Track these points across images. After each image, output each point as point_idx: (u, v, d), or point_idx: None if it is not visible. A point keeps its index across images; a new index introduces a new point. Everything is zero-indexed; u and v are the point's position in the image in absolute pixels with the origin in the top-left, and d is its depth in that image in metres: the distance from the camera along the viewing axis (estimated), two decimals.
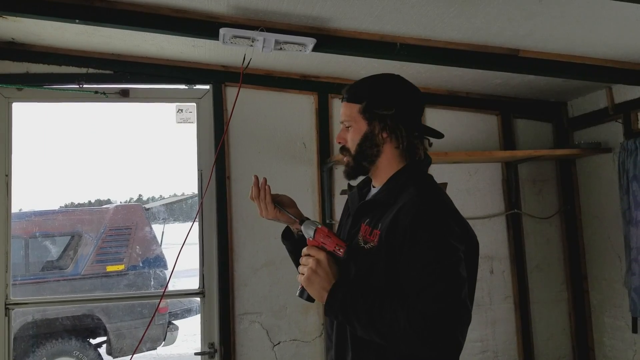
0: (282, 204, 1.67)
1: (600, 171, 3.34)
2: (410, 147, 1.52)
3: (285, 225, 1.76)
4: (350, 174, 1.58)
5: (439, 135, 1.59)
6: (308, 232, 1.50)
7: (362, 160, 1.53)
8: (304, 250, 1.49)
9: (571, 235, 3.52)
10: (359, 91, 1.53)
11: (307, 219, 1.56)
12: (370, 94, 1.50)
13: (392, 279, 1.36)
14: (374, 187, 1.61)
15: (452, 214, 1.42)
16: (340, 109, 1.58)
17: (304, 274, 1.44)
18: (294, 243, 1.72)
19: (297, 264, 1.53)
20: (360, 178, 1.66)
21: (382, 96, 1.50)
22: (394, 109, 1.47)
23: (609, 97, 3.16)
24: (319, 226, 1.49)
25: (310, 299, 1.47)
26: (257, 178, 1.65)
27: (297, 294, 1.51)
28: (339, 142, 1.59)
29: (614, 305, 3.27)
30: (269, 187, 1.65)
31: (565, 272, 3.54)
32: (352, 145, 1.53)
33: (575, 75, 2.79)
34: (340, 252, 1.44)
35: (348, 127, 1.53)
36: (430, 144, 1.64)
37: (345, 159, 1.57)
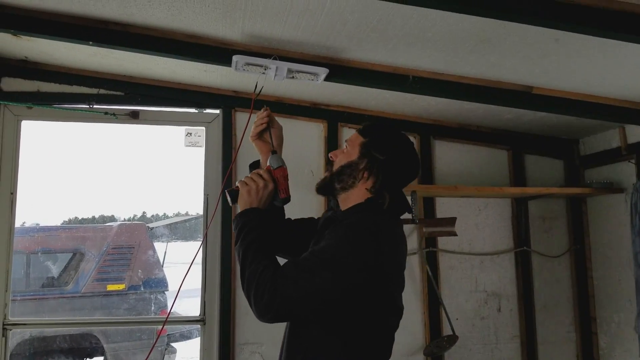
0: (272, 132, 1.83)
1: (612, 211, 3.29)
2: (379, 197, 1.59)
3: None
4: (320, 188, 1.70)
5: (409, 210, 1.68)
6: (273, 162, 1.70)
7: (335, 181, 1.65)
8: (261, 170, 1.70)
9: (580, 275, 3.46)
10: (371, 130, 1.66)
11: (280, 155, 1.75)
12: (376, 136, 1.64)
13: None
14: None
15: (378, 237, 1.47)
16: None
17: (247, 184, 1.65)
18: None
19: None
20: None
21: (384, 143, 1.62)
22: (385, 157, 1.58)
23: (621, 137, 3.13)
24: (284, 166, 1.70)
25: (234, 201, 1.68)
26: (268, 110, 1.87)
27: (227, 189, 1.72)
28: (331, 157, 1.72)
29: (624, 349, 3.19)
30: (268, 118, 1.85)
31: (573, 312, 3.47)
32: (337, 164, 1.66)
33: (588, 114, 2.77)
34: (282, 195, 1.68)
35: (344, 149, 1.67)
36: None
37: (325, 173, 1.71)
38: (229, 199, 1.69)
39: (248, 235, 1.52)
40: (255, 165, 1.83)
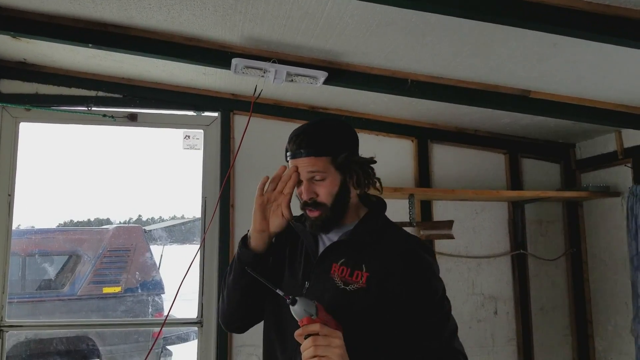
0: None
1: (608, 215, 3.31)
2: (369, 182, 1.48)
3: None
4: (325, 227, 1.46)
5: (373, 160, 1.51)
6: (309, 310, 1.24)
7: (340, 211, 1.46)
8: (313, 328, 1.22)
9: (577, 279, 3.47)
10: (323, 144, 1.44)
11: (297, 295, 1.28)
12: (338, 145, 1.45)
13: (387, 323, 1.35)
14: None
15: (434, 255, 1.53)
16: (300, 163, 1.44)
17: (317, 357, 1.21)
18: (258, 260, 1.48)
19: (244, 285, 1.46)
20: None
21: (346, 145, 1.47)
22: (348, 150, 1.45)
23: (618, 141, 3.15)
24: (316, 302, 1.27)
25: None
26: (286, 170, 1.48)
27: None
28: (310, 198, 1.44)
29: (620, 352, 3.20)
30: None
31: (570, 316, 3.48)
32: (328, 198, 1.43)
33: (585, 118, 2.78)
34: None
35: (320, 180, 1.43)
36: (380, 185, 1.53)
37: (315, 213, 1.45)
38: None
39: None
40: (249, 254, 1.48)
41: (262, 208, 1.46)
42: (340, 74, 2.48)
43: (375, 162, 1.50)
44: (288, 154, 1.49)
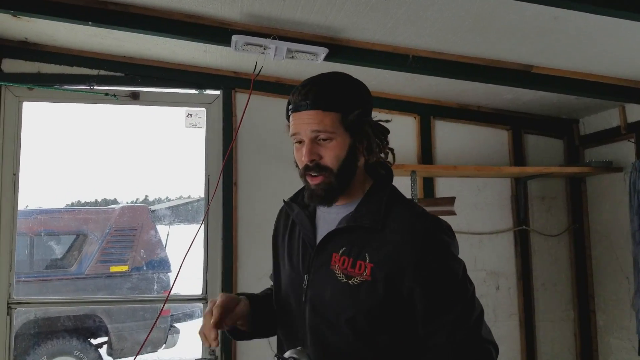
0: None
1: (611, 190, 3.31)
2: (381, 150, 1.31)
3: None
4: (328, 198, 1.27)
5: (387, 130, 1.33)
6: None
7: (345, 179, 1.27)
8: None
9: (579, 254, 3.49)
10: (333, 97, 1.24)
11: (284, 354, 1.18)
12: (350, 101, 1.26)
13: (401, 319, 1.23)
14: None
15: (451, 232, 1.31)
16: (303, 118, 1.25)
17: None
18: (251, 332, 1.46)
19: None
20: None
21: (360, 102, 1.27)
22: (362, 108, 1.26)
23: (621, 116, 3.13)
24: (302, 347, 1.20)
25: None
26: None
27: None
28: (312, 160, 1.25)
29: (621, 327, 3.23)
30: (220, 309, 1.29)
31: (572, 291, 3.51)
32: (334, 162, 1.24)
33: (588, 93, 2.77)
34: None
35: (325, 140, 1.24)
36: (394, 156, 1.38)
37: (317, 180, 1.26)
38: None
39: None
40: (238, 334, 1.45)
41: (217, 326, 1.29)
42: (341, 50, 2.47)
43: (388, 131, 1.33)
44: (290, 107, 1.29)
